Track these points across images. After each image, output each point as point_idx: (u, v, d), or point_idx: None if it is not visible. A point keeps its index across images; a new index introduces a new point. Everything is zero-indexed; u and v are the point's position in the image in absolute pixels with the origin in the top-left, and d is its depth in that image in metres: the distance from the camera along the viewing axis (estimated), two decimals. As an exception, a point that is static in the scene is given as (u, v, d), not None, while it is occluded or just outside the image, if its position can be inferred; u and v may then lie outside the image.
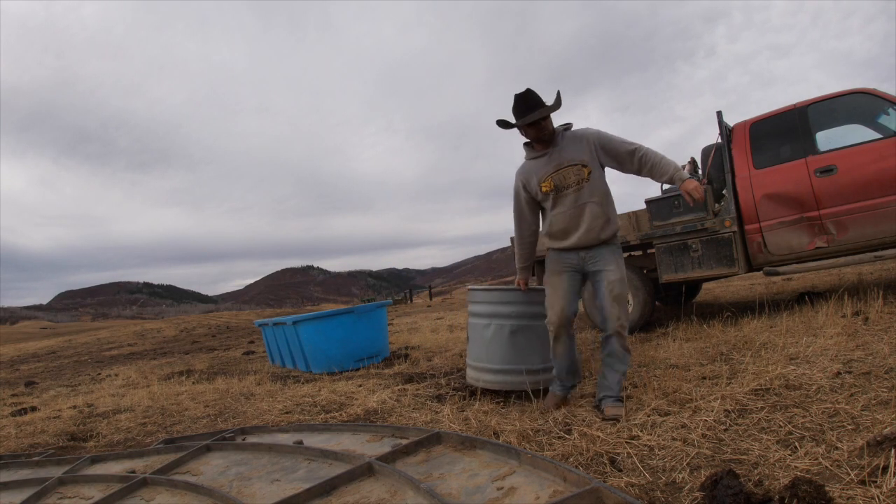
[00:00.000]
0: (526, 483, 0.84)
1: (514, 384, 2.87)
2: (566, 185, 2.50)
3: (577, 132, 2.57)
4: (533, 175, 2.58)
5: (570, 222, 2.54)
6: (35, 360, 11.38)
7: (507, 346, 2.87)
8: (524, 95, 2.45)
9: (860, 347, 2.81)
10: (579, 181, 2.49)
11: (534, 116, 2.41)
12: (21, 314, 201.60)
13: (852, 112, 4.46)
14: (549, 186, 2.54)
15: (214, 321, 20.23)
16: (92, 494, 1.27)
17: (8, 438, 3.38)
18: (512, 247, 6.43)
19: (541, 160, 2.57)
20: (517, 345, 2.87)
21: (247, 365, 6.14)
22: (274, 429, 1.57)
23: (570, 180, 2.50)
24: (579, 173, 2.49)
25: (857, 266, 6.53)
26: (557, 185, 2.52)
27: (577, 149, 2.51)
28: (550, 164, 2.53)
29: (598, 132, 2.55)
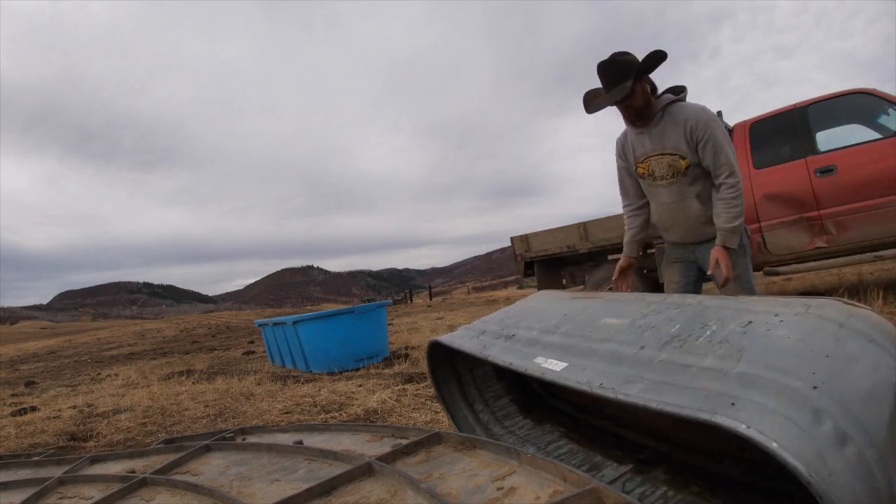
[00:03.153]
0: (526, 483, 0.84)
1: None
2: (661, 175, 2.10)
3: (683, 111, 2.01)
4: (630, 151, 2.18)
5: (669, 217, 2.18)
6: (35, 360, 11.38)
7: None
8: (602, 68, 1.95)
9: (860, 347, 2.80)
10: (675, 173, 2.07)
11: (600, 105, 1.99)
12: (21, 314, 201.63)
13: (852, 112, 4.46)
14: (646, 170, 2.15)
15: (214, 321, 20.24)
16: (92, 494, 1.27)
17: (8, 438, 3.38)
18: (512, 246, 6.45)
19: (640, 137, 2.12)
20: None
21: (247, 365, 6.14)
22: (274, 429, 1.57)
23: (664, 170, 2.09)
24: (675, 165, 2.05)
25: (857, 266, 6.53)
26: (654, 170, 2.12)
27: (676, 134, 2.02)
28: (648, 145, 2.10)
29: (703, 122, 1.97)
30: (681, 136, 2.01)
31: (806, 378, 0.89)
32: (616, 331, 1.28)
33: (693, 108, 2.01)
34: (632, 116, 2.04)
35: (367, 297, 56.31)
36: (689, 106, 2.02)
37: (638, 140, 2.13)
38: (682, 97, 2.07)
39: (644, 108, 2.01)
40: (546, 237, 6.07)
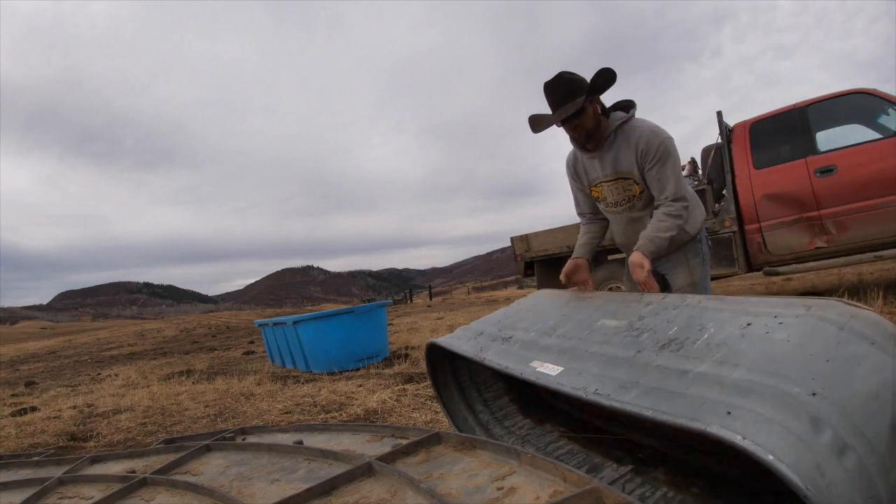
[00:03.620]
0: (526, 483, 0.84)
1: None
2: (616, 200, 1.98)
3: (635, 131, 1.85)
4: (583, 173, 2.03)
5: (625, 239, 2.08)
6: (35, 360, 11.38)
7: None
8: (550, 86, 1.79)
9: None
10: (629, 198, 1.94)
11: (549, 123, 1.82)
12: (21, 314, 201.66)
13: (852, 112, 4.46)
14: (600, 195, 2.02)
15: (214, 321, 20.24)
16: (92, 494, 1.27)
17: (8, 438, 3.38)
18: (512, 246, 6.45)
19: (591, 161, 1.96)
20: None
21: (247, 365, 6.14)
22: (274, 429, 1.57)
23: (617, 196, 1.96)
24: (629, 189, 1.92)
25: (857, 266, 6.54)
26: (607, 197, 2.00)
27: (628, 158, 1.87)
28: (599, 170, 1.96)
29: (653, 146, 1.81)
30: (633, 160, 1.86)
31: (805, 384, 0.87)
32: (613, 333, 1.28)
33: (646, 130, 1.84)
34: (581, 139, 1.86)
35: (367, 297, 56.39)
36: (642, 126, 1.86)
37: (589, 164, 1.97)
38: (632, 114, 1.90)
39: (594, 130, 1.84)
40: (546, 237, 6.07)
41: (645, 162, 1.84)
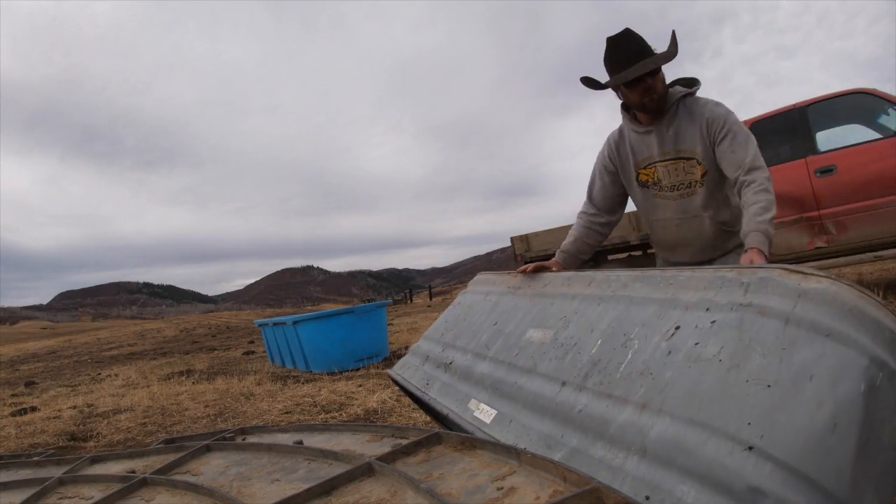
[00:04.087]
0: (526, 483, 0.84)
1: None
2: (672, 184, 1.75)
3: (699, 105, 1.69)
4: (628, 154, 1.80)
5: (676, 234, 1.82)
6: (35, 360, 11.38)
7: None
8: (619, 40, 1.63)
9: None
10: (690, 184, 1.72)
11: (634, 72, 1.58)
12: (21, 314, 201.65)
13: (852, 112, 4.46)
14: (651, 178, 1.78)
15: (214, 321, 20.24)
16: (92, 494, 1.27)
17: (8, 438, 3.38)
18: (512, 246, 6.44)
19: (644, 138, 1.75)
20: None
21: (247, 365, 6.14)
22: (274, 429, 1.57)
23: (676, 178, 1.73)
24: (690, 172, 1.71)
25: (857, 266, 6.54)
26: (662, 179, 1.76)
27: (692, 134, 1.68)
28: (656, 147, 1.73)
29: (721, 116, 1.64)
30: (696, 135, 1.67)
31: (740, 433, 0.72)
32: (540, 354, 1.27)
33: (710, 102, 1.69)
34: (653, 104, 1.65)
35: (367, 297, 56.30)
36: (706, 99, 1.70)
37: (642, 141, 1.75)
38: (695, 90, 1.72)
39: (663, 97, 1.66)
40: (546, 237, 6.07)
41: (714, 133, 1.64)
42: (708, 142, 1.66)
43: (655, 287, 1.11)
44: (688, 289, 1.02)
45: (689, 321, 0.96)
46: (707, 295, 0.97)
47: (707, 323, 0.92)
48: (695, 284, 1.02)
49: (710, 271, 1.02)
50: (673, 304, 1.02)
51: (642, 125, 1.74)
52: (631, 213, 5.37)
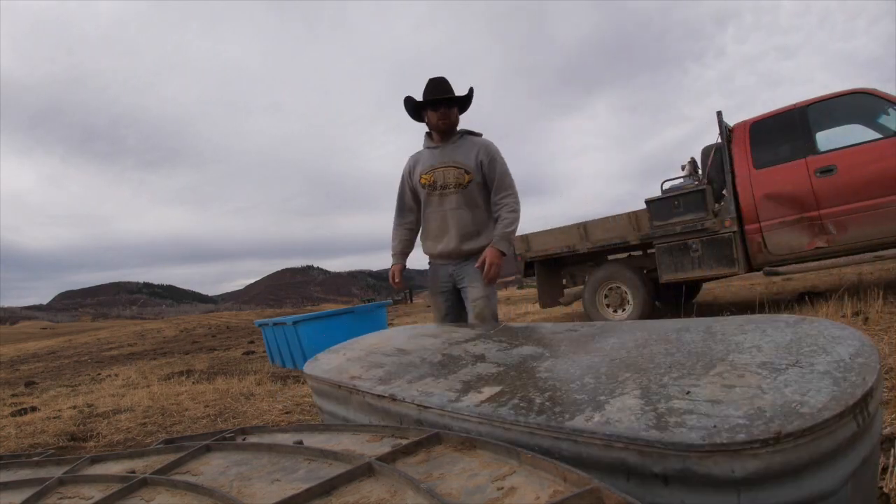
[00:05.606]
0: (526, 483, 0.84)
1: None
2: (444, 184, 2.37)
3: (476, 139, 2.44)
4: (418, 164, 2.46)
5: (440, 225, 2.43)
6: (35, 360, 11.38)
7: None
8: (440, 80, 2.35)
9: (860, 347, 2.80)
10: (457, 185, 2.36)
11: (441, 94, 2.32)
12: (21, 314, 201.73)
13: (852, 112, 4.47)
14: (428, 181, 2.40)
15: (214, 321, 20.25)
16: (92, 494, 1.27)
17: (8, 438, 3.38)
18: (512, 245, 6.42)
19: (433, 152, 2.43)
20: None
21: (247, 365, 6.14)
22: (274, 429, 1.57)
23: (448, 180, 2.36)
24: (459, 178, 2.36)
25: (857, 266, 6.54)
26: (436, 181, 2.38)
27: (467, 153, 2.38)
28: (438, 159, 2.40)
29: (493, 148, 2.41)
30: (471, 155, 2.37)
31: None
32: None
33: (481, 138, 2.45)
34: (444, 125, 2.35)
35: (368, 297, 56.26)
36: (479, 136, 2.46)
37: (430, 154, 2.43)
38: (478, 134, 2.47)
39: (454, 125, 2.40)
40: (546, 237, 6.07)
41: (484, 158, 2.36)
42: (478, 161, 2.36)
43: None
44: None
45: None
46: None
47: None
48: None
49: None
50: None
51: (434, 143, 2.43)
52: (631, 213, 5.37)
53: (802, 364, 0.98)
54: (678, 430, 0.83)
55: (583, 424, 0.95)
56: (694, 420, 0.85)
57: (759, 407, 0.84)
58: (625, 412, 0.95)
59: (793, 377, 0.93)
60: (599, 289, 5.56)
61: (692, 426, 0.83)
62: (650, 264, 5.36)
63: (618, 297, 5.46)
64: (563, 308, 7.09)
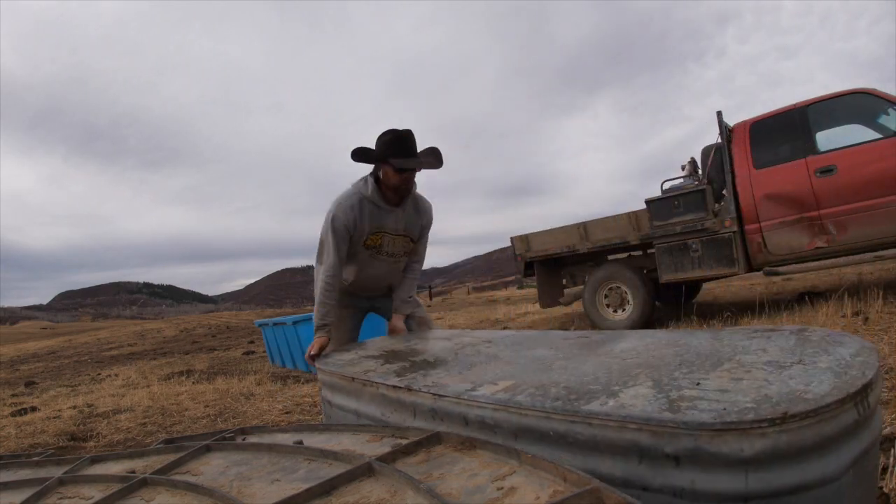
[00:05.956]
0: (526, 483, 0.84)
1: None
2: (391, 252, 2.27)
3: (423, 205, 2.32)
4: (363, 220, 2.16)
5: (375, 282, 2.37)
6: (35, 360, 11.38)
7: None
8: (405, 137, 2.08)
9: (860, 347, 2.80)
10: (403, 253, 2.32)
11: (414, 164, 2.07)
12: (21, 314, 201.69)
13: (852, 112, 4.46)
14: (375, 243, 2.22)
15: (214, 321, 20.25)
16: (92, 494, 1.27)
17: (8, 438, 3.38)
18: (512, 246, 6.43)
19: (381, 212, 2.18)
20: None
21: (247, 365, 6.14)
22: (274, 429, 1.57)
23: (396, 249, 2.28)
24: (406, 246, 2.31)
25: (857, 266, 6.55)
26: (383, 246, 2.24)
27: (415, 222, 2.29)
28: (388, 224, 2.21)
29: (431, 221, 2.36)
30: (417, 225, 2.31)
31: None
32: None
33: (429, 205, 2.35)
34: (405, 191, 2.16)
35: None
36: (425, 201, 2.34)
37: (377, 213, 2.17)
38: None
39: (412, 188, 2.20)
40: (546, 237, 6.07)
41: (424, 230, 2.35)
42: (420, 230, 2.33)
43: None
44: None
45: None
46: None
47: None
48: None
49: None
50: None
51: (387, 204, 2.18)
52: (631, 213, 5.37)
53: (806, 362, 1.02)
54: (690, 411, 0.87)
55: (598, 408, 0.97)
56: (704, 404, 0.88)
57: (766, 394, 0.88)
58: (638, 398, 0.98)
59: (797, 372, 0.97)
60: (599, 289, 5.56)
61: (703, 409, 0.87)
62: (650, 264, 5.36)
63: (618, 297, 5.46)
64: (563, 308, 7.09)
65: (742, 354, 1.15)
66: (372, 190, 2.15)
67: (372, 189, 2.15)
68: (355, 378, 1.64)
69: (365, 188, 2.16)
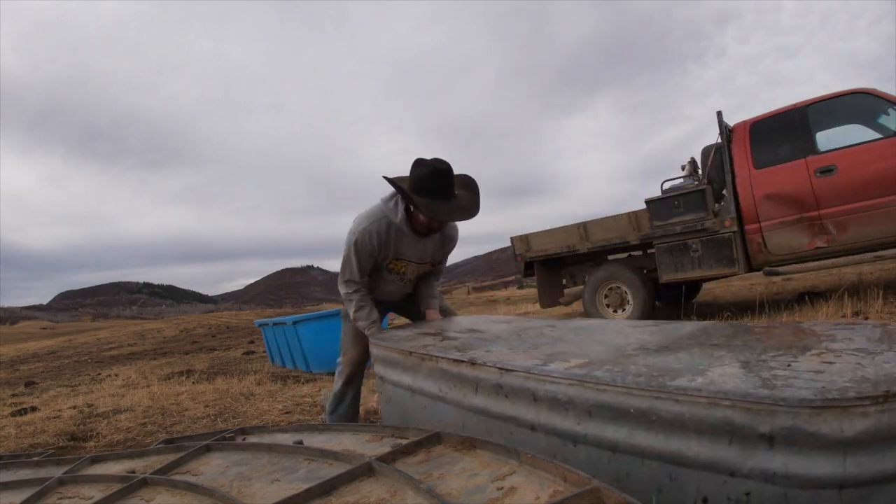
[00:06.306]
0: (526, 483, 0.84)
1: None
2: (412, 276, 2.30)
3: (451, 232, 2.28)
4: (388, 246, 2.11)
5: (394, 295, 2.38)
6: (35, 360, 11.38)
7: None
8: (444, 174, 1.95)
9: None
10: (421, 275, 2.35)
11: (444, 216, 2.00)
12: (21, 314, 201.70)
13: (852, 112, 4.46)
14: (399, 269, 2.22)
15: (214, 321, 20.25)
16: (92, 494, 1.27)
17: (8, 438, 3.38)
18: (512, 246, 6.43)
19: (407, 240, 2.12)
20: None
21: (247, 365, 6.14)
22: (274, 429, 1.57)
23: (417, 273, 2.30)
24: (425, 268, 2.32)
25: (857, 266, 6.55)
26: (406, 273, 2.25)
27: (441, 249, 2.30)
28: (413, 253, 2.18)
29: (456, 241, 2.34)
30: (441, 252, 2.30)
31: None
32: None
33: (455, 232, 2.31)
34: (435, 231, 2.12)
35: (367, 297, 56.34)
36: (452, 227, 2.28)
37: (403, 241, 2.12)
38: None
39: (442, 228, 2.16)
40: (546, 237, 6.07)
41: (448, 253, 2.36)
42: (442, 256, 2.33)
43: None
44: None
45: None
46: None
47: None
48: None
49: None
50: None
51: (415, 234, 2.11)
52: (631, 213, 5.37)
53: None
54: (787, 388, 0.82)
55: (686, 383, 0.91)
56: (800, 383, 0.84)
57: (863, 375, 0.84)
58: (728, 376, 0.92)
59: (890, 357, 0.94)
60: (599, 289, 5.56)
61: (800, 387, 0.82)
62: (650, 264, 5.36)
63: (618, 297, 5.46)
64: (564, 308, 7.09)
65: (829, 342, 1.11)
66: (401, 219, 2.05)
67: (401, 218, 2.05)
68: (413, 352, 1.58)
69: (394, 213, 2.05)
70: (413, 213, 2.05)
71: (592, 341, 1.41)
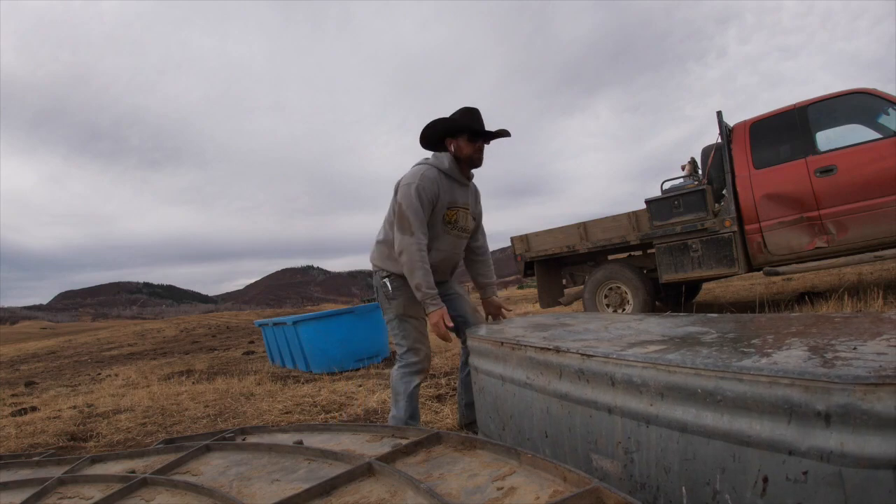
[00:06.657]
0: (526, 483, 0.84)
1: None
2: (464, 227, 2.27)
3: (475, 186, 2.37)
4: (444, 193, 2.15)
5: (445, 261, 2.27)
6: (35, 360, 11.38)
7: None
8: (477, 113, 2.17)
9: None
10: (467, 230, 2.30)
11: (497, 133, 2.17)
12: (21, 314, 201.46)
13: (852, 112, 4.46)
14: (452, 218, 2.20)
15: (214, 321, 20.25)
16: (92, 494, 1.27)
17: (8, 438, 3.38)
18: (512, 246, 6.43)
19: (455, 187, 2.20)
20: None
21: (247, 365, 6.14)
22: (274, 429, 1.57)
23: (468, 225, 2.30)
24: (470, 222, 2.31)
25: (857, 266, 6.54)
26: (458, 221, 2.23)
27: (477, 201, 2.38)
28: (462, 198, 2.23)
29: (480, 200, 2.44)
30: (478, 207, 2.40)
31: None
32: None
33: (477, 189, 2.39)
34: (480, 161, 2.21)
35: (368, 297, 56.50)
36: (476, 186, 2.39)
37: (452, 187, 2.18)
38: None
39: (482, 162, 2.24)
40: (546, 237, 6.07)
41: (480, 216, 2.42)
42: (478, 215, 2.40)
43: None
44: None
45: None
46: None
47: None
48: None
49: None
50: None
51: (460, 176, 2.21)
52: (631, 213, 5.37)
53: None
54: (844, 368, 0.84)
55: (749, 364, 0.95)
56: (860, 363, 0.86)
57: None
58: (792, 358, 0.96)
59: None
60: (599, 289, 5.56)
61: (858, 366, 0.84)
62: (650, 264, 5.36)
63: (618, 297, 5.46)
64: (563, 308, 7.10)
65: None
66: (450, 163, 2.17)
67: (450, 162, 2.17)
68: (504, 342, 1.69)
69: (441, 163, 2.17)
70: (458, 154, 2.17)
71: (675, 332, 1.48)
